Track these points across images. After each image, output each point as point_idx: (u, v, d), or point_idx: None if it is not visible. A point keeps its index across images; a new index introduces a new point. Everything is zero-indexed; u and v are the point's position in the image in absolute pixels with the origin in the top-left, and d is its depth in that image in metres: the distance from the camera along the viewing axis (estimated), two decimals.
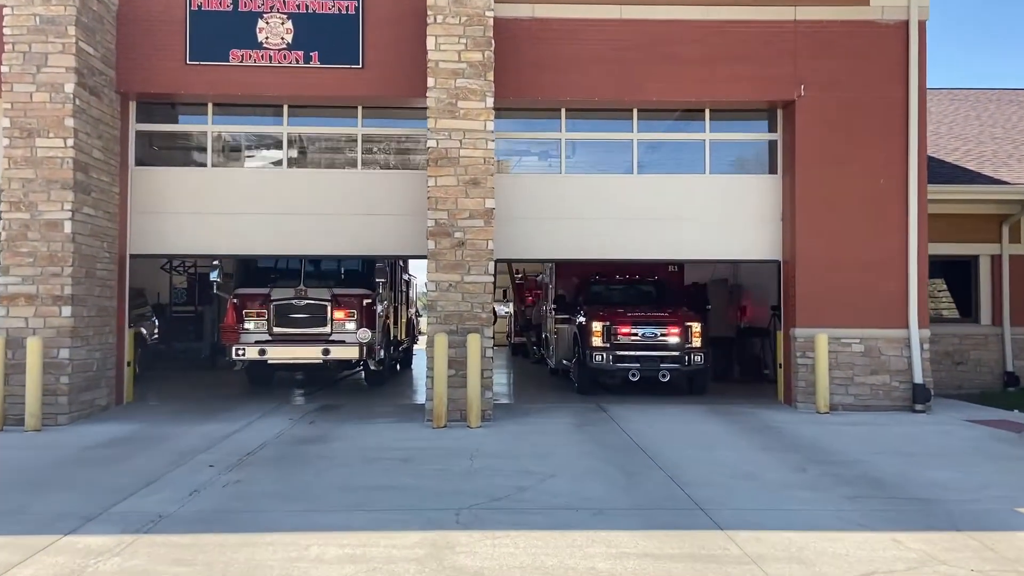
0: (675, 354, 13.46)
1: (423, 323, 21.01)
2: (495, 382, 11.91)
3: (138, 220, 12.21)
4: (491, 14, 11.15)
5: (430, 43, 11.08)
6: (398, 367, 18.20)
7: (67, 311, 10.60)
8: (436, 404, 10.44)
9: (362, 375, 16.28)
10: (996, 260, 15.16)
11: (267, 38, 11.77)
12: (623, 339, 13.51)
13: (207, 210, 12.27)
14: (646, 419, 11.04)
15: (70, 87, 10.68)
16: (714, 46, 12.01)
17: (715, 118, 12.71)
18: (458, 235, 11.03)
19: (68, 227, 10.65)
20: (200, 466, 8.03)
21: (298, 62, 11.78)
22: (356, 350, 13.53)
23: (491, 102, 11.11)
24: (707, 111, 12.63)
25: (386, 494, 6.96)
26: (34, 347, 10.16)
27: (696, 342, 13.55)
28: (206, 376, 17.08)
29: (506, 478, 7.49)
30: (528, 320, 23.52)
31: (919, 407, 11.71)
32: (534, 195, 12.47)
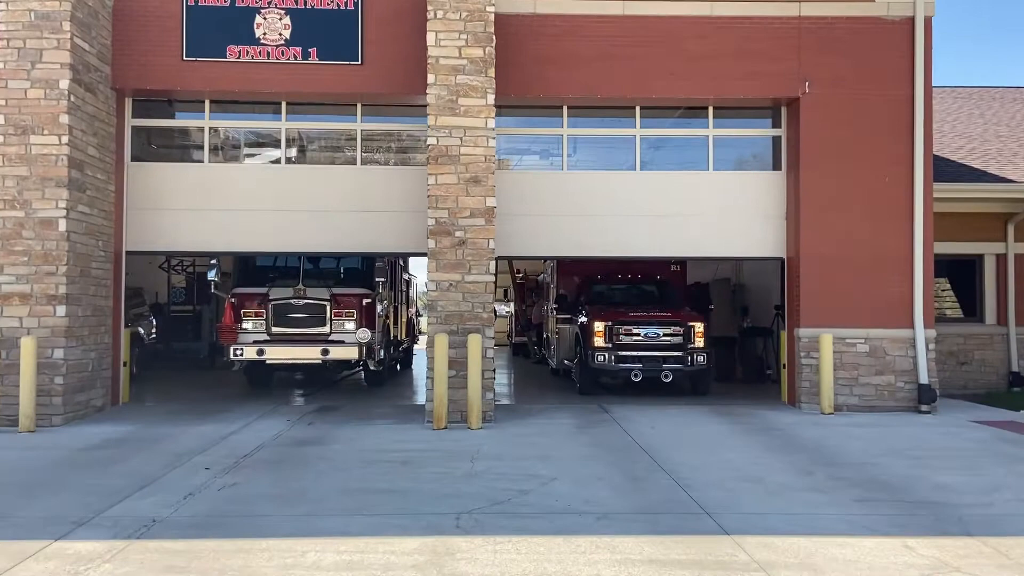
0: (677, 354, 13.31)
1: (423, 323, 20.90)
2: (496, 382, 11.77)
3: (134, 217, 12.07)
4: (492, 9, 11.00)
5: (430, 39, 10.94)
6: (398, 367, 18.07)
7: (62, 310, 10.45)
8: (436, 405, 10.30)
9: (362, 375, 16.13)
10: (1001, 259, 15.02)
11: (265, 34, 11.62)
12: (625, 339, 13.37)
13: (204, 207, 12.13)
14: (648, 420, 10.90)
15: (65, 83, 10.53)
16: (718, 42, 11.87)
17: (718, 115, 12.57)
18: (459, 234, 10.89)
19: (63, 225, 10.51)
20: (196, 468, 7.89)
21: (296, 58, 11.63)
22: (355, 350, 13.38)
23: (492, 99, 10.96)
24: (710, 108, 12.49)
25: (385, 498, 6.82)
26: (28, 347, 10.01)
27: (699, 342, 13.41)
28: (204, 376, 16.94)
29: (508, 481, 7.35)
30: (529, 320, 23.39)
31: (924, 408, 11.57)
32: (535, 192, 12.33)
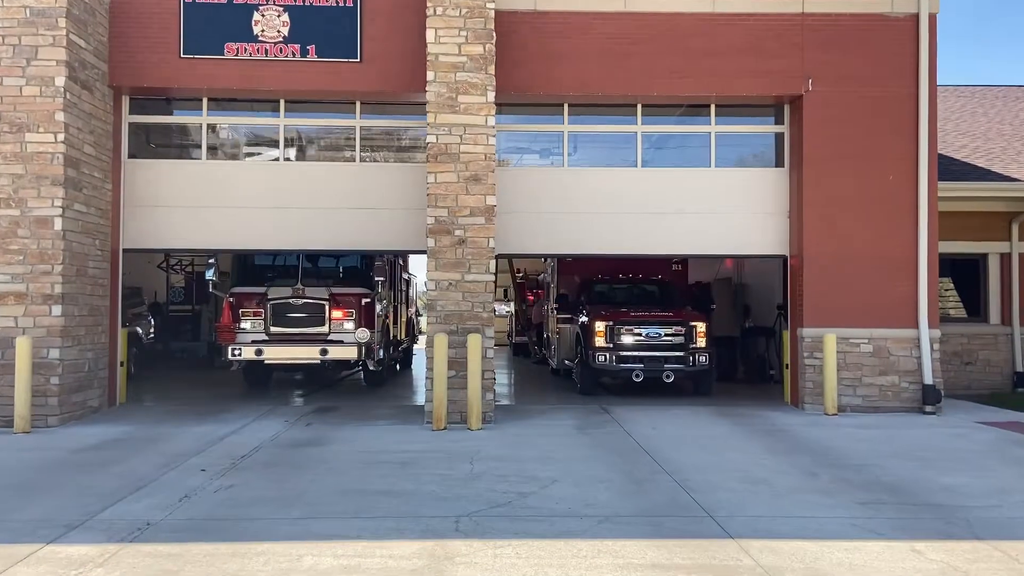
0: (679, 354, 13.21)
1: (423, 322, 20.77)
2: (496, 383, 11.66)
3: (131, 214, 11.96)
4: (492, 6, 10.89)
5: (430, 36, 10.83)
6: (398, 367, 17.96)
7: (57, 310, 10.34)
8: (436, 406, 10.19)
9: (361, 375, 16.02)
10: (1005, 259, 14.89)
11: (263, 31, 11.51)
12: (626, 339, 13.27)
13: (202, 204, 12.01)
14: (650, 421, 10.79)
15: (60, 81, 10.42)
16: (720, 39, 11.76)
17: (721, 113, 12.45)
18: (458, 233, 10.78)
19: (58, 224, 10.40)
20: (192, 470, 7.78)
21: (295, 55, 11.52)
22: (354, 350, 13.28)
23: (492, 96, 10.86)
24: (712, 106, 12.38)
25: (384, 500, 6.71)
26: (23, 347, 9.90)
27: (700, 342, 13.30)
28: (203, 376, 16.83)
29: (508, 483, 7.24)
30: (529, 319, 23.28)
31: (929, 408, 11.46)
32: (536, 189, 12.21)
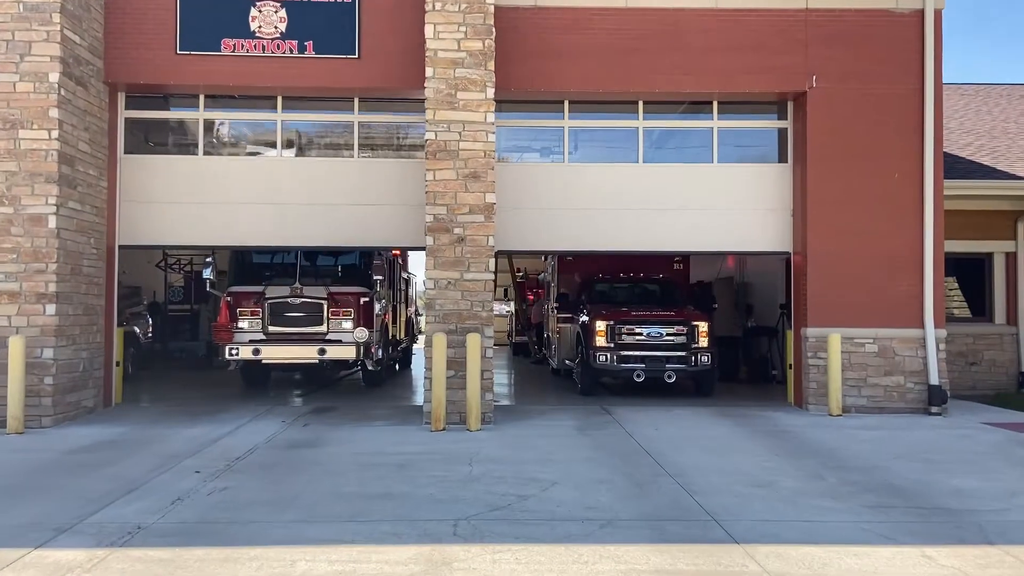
0: (681, 354, 13.06)
1: (423, 322, 20.63)
2: (495, 383, 11.52)
3: (127, 210, 11.81)
4: (492, 1, 10.75)
5: (428, 31, 10.69)
6: (397, 367, 17.84)
7: (51, 309, 10.20)
8: (434, 406, 10.05)
9: (360, 375, 15.88)
10: (1011, 258, 14.75)
11: (260, 27, 11.37)
12: (627, 339, 13.12)
13: (199, 200, 11.87)
14: (652, 422, 10.64)
15: (55, 77, 10.28)
16: (722, 36, 11.61)
17: (723, 111, 12.30)
18: (457, 231, 10.64)
19: (52, 222, 10.26)
20: (186, 472, 7.64)
21: (292, 52, 11.37)
22: (353, 350, 13.15)
23: (492, 93, 10.71)
24: (715, 103, 12.23)
25: (380, 503, 6.56)
26: (16, 346, 9.76)
27: (703, 342, 13.15)
28: (201, 376, 16.69)
29: (507, 485, 7.10)
30: (529, 319, 23.14)
31: (935, 409, 11.32)
32: (536, 185, 12.06)
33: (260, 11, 11.38)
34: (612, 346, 13.10)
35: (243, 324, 13.17)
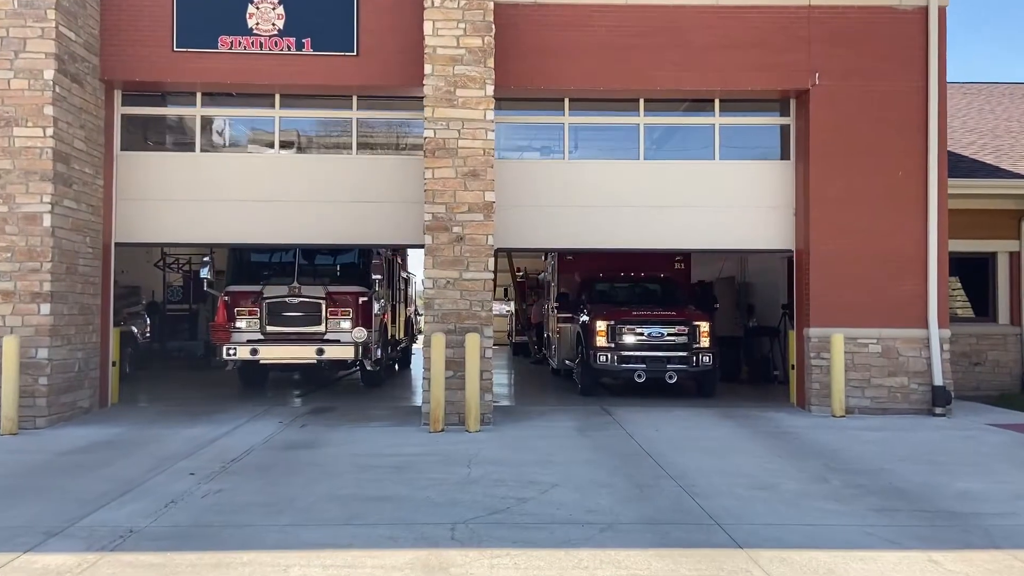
0: (682, 354, 12.94)
1: (423, 321, 20.51)
2: (495, 383, 11.42)
3: (124, 207, 11.69)
4: None
5: (427, 28, 10.57)
6: (396, 367, 17.72)
7: (46, 309, 10.10)
8: (433, 407, 9.94)
9: (359, 376, 15.77)
10: (1015, 257, 14.63)
11: (258, 24, 11.26)
12: (628, 339, 13.01)
13: (196, 197, 11.75)
14: (653, 423, 10.53)
15: (49, 74, 10.18)
16: (724, 33, 11.49)
17: (725, 108, 12.19)
18: (456, 230, 10.53)
19: (47, 221, 10.16)
20: (180, 474, 7.53)
21: (290, 49, 11.26)
22: (351, 350, 13.03)
23: (491, 90, 10.60)
24: (716, 101, 12.11)
25: (377, 506, 6.45)
26: (11, 346, 9.65)
27: (704, 342, 13.04)
28: (199, 376, 16.58)
29: (506, 488, 6.99)
30: (529, 319, 23.02)
31: (939, 410, 11.20)
32: (535, 182, 11.94)
33: (258, 8, 11.27)
34: (613, 346, 12.99)
35: (241, 324, 13.06)
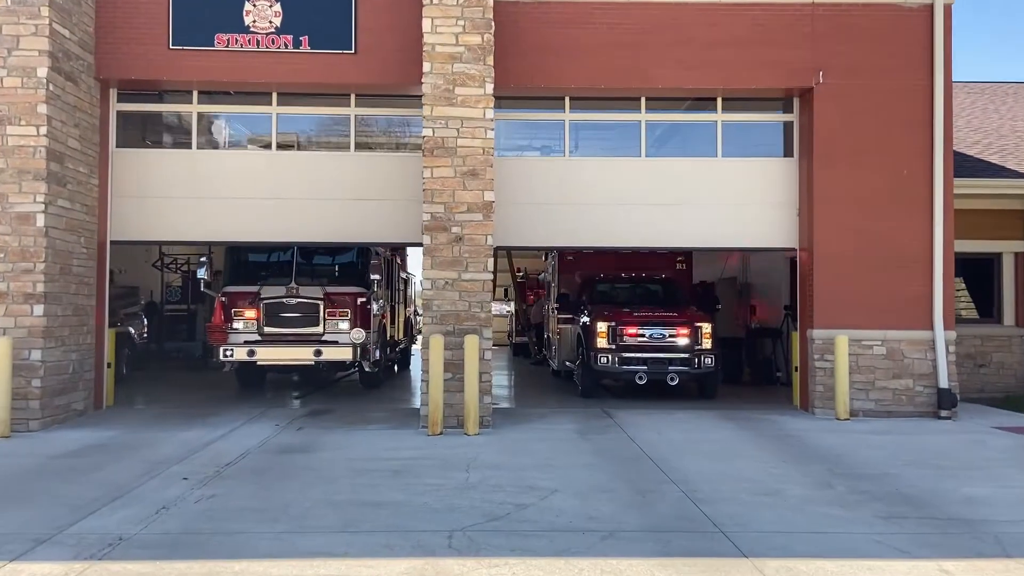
0: (684, 356, 12.81)
1: (422, 322, 20.36)
2: (494, 384, 11.27)
3: (119, 205, 11.57)
4: None
5: (426, 25, 10.43)
6: (395, 368, 17.57)
7: (39, 310, 9.96)
8: (431, 410, 9.79)
9: (357, 377, 15.62)
10: (1020, 258, 14.47)
11: (254, 21, 11.12)
12: (629, 340, 12.86)
13: (193, 195, 11.63)
14: (655, 426, 10.39)
15: (43, 72, 10.04)
16: (726, 30, 11.35)
17: (727, 106, 12.03)
18: (455, 230, 10.38)
19: (41, 220, 10.02)
20: (173, 479, 7.39)
21: (287, 47, 11.13)
22: (350, 351, 12.88)
23: (491, 88, 10.45)
24: (719, 99, 11.97)
25: (373, 512, 6.31)
26: (3, 348, 9.51)
27: (706, 343, 12.90)
28: (196, 377, 16.43)
29: (505, 494, 6.84)
30: (529, 320, 22.88)
31: (944, 413, 11.06)
32: (536, 180, 11.80)
33: (254, 5, 11.13)
34: (613, 347, 12.85)
35: (238, 325, 12.92)
